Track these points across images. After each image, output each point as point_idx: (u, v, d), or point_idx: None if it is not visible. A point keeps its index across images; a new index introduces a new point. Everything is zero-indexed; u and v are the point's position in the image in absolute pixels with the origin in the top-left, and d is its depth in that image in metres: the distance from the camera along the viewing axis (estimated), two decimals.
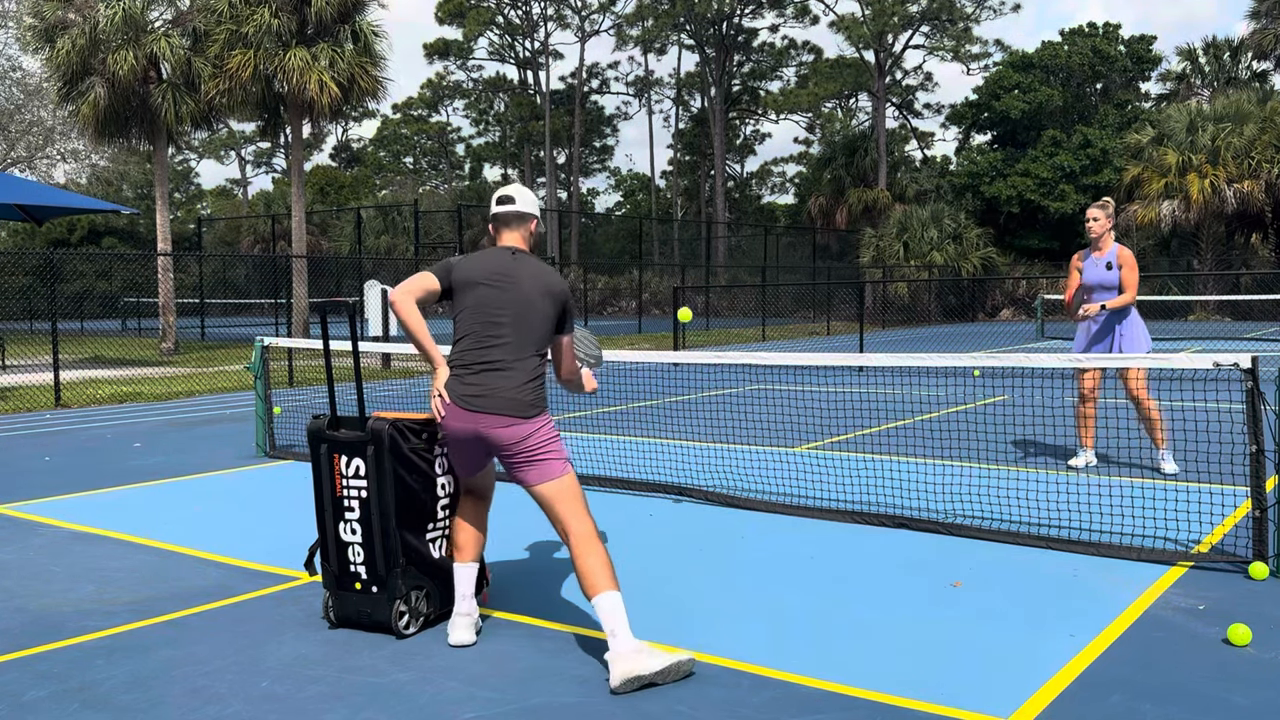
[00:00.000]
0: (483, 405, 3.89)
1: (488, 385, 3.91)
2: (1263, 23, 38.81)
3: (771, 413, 10.91)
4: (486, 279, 4.06)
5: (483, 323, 4.01)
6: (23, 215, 18.41)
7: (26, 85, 33.61)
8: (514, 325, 4.00)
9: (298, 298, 22.70)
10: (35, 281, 34.43)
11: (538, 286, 4.06)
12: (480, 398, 3.90)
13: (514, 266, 4.10)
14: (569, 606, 4.54)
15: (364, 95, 23.15)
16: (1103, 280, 7.41)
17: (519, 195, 4.25)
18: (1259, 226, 36.81)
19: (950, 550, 5.40)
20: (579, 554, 3.78)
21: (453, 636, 4.06)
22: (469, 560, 4.17)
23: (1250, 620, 4.18)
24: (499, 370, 3.93)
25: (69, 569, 5.28)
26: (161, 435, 10.34)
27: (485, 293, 4.03)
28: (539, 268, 4.13)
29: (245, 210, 64.20)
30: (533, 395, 3.94)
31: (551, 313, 4.08)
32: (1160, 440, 7.30)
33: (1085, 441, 7.60)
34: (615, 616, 3.67)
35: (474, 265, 4.09)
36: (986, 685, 3.62)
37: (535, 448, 3.90)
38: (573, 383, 4.41)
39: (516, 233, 4.24)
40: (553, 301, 4.09)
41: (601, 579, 3.73)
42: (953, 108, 49.75)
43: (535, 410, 3.93)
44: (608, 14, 55.91)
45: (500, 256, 4.13)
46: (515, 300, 4.02)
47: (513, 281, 4.05)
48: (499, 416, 3.88)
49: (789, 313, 40.59)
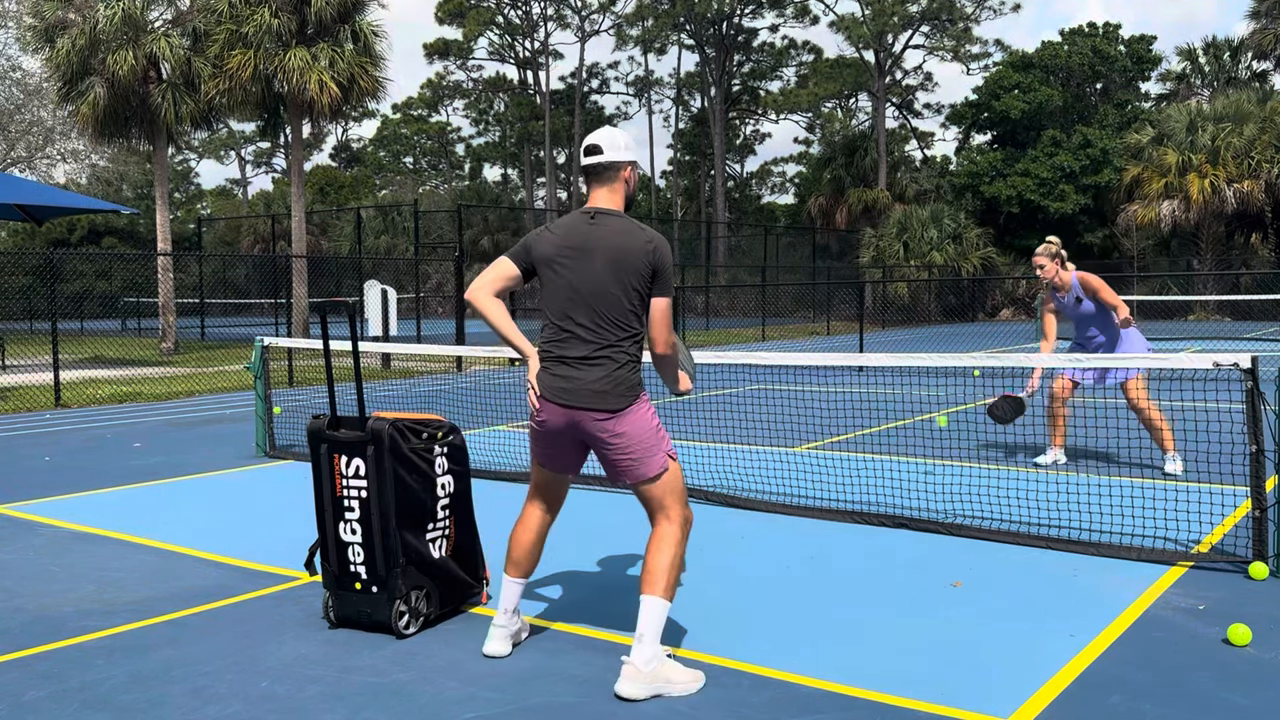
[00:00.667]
0: (570, 399, 3.63)
1: (572, 378, 3.63)
2: (1263, 23, 38.81)
3: (771, 413, 10.91)
4: (559, 254, 3.70)
5: (558, 310, 3.70)
6: (23, 215, 18.41)
7: (26, 85, 33.62)
8: (589, 309, 3.65)
9: (298, 298, 22.71)
10: (35, 281, 34.44)
11: (612, 255, 3.63)
12: (567, 390, 3.64)
13: (589, 235, 3.68)
14: (569, 606, 4.54)
15: (364, 95, 23.16)
16: (1081, 314, 7.48)
17: (606, 142, 3.78)
18: (1259, 226, 36.81)
19: (950, 550, 5.39)
20: (650, 549, 3.65)
21: (486, 646, 3.94)
22: (518, 576, 3.94)
23: (1250, 620, 4.18)
24: (585, 362, 3.64)
25: (69, 569, 5.28)
26: (161, 435, 10.34)
27: (560, 274, 3.69)
28: (619, 230, 3.68)
29: (245, 210, 64.20)
30: (623, 385, 3.63)
31: (633, 282, 3.64)
32: (1167, 445, 7.30)
33: (1055, 441, 7.67)
34: (647, 622, 3.55)
35: (550, 240, 3.74)
36: (986, 685, 3.62)
37: (629, 445, 3.64)
38: (667, 364, 3.83)
39: (605, 188, 3.78)
40: (633, 267, 3.63)
41: (652, 582, 3.58)
42: (953, 108, 49.75)
43: (626, 401, 3.63)
44: (608, 14, 55.93)
45: (576, 224, 3.72)
46: (587, 280, 3.65)
47: (585, 255, 3.66)
48: (588, 412, 3.62)
49: (789, 313, 40.58)
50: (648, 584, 3.59)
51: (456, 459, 4.40)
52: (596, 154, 3.75)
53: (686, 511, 3.73)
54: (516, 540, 3.96)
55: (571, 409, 3.64)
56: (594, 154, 3.76)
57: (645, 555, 3.66)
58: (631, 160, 3.81)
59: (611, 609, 4.50)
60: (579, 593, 4.73)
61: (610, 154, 3.76)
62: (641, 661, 3.52)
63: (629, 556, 5.34)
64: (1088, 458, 7.98)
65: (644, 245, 3.65)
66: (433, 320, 35.79)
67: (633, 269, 3.63)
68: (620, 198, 3.79)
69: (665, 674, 3.55)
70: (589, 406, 3.62)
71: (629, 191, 3.82)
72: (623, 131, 3.89)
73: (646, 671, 3.51)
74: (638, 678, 3.51)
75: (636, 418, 3.65)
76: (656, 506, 3.70)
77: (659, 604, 3.57)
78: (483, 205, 52.87)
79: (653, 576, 3.59)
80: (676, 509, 3.69)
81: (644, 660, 3.52)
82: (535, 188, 60.80)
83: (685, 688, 3.56)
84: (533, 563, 3.97)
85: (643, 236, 3.66)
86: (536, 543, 3.96)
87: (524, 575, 3.96)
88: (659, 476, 3.68)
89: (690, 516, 3.75)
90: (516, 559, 3.94)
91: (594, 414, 3.62)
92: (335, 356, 13.12)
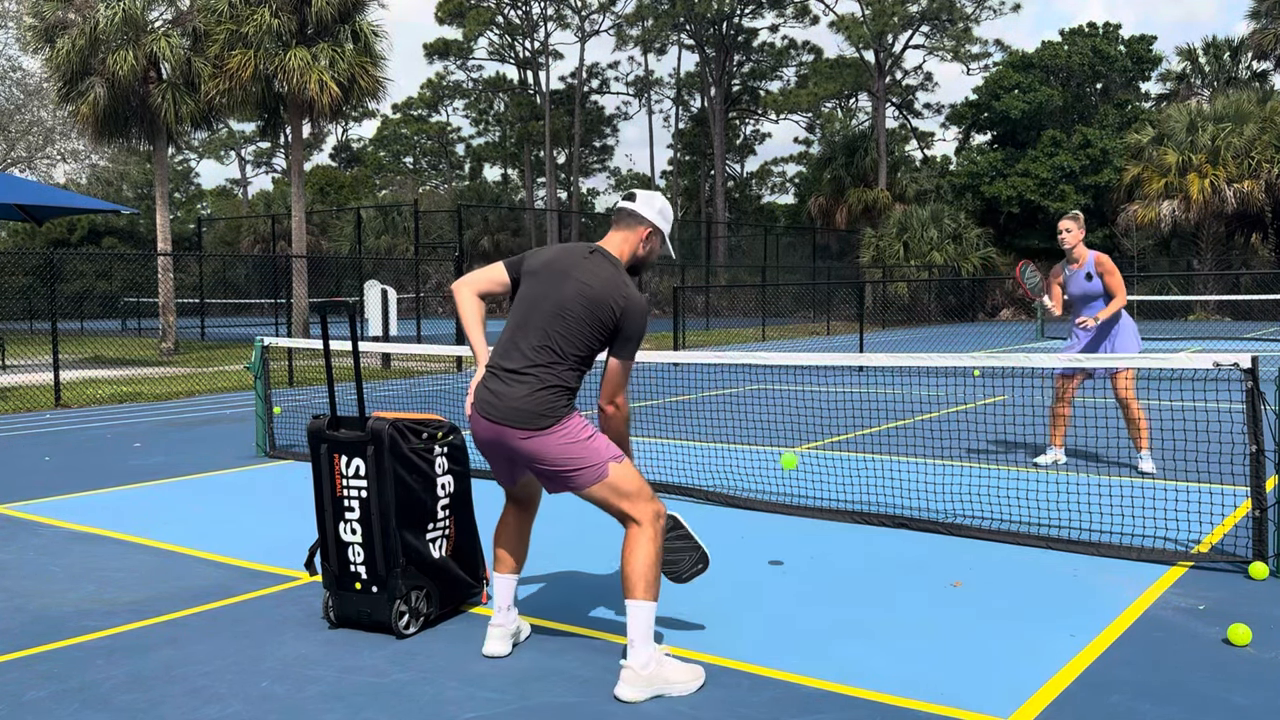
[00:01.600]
0: (491, 413, 3.60)
1: (499, 393, 3.60)
2: (1263, 23, 38.80)
3: (771, 413, 10.91)
4: (542, 270, 3.69)
5: (518, 322, 3.68)
6: (23, 215, 18.42)
7: (26, 85, 33.62)
8: (540, 328, 3.62)
9: (298, 298, 22.71)
10: (35, 281, 34.44)
11: (585, 291, 3.60)
12: (490, 405, 3.61)
13: (576, 264, 3.66)
14: (569, 607, 4.54)
15: (364, 95, 23.15)
16: (1086, 290, 7.44)
17: (643, 197, 3.81)
18: (1259, 226, 36.80)
19: (950, 550, 5.40)
20: (623, 555, 3.60)
21: (485, 646, 3.94)
22: (506, 572, 3.94)
23: (1250, 620, 4.18)
24: (514, 376, 3.60)
25: (69, 569, 5.28)
26: (161, 435, 10.34)
27: (531, 287, 3.69)
28: (604, 276, 3.62)
29: (245, 210, 64.19)
30: (545, 405, 3.56)
31: (591, 326, 3.59)
32: (1142, 443, 7.34)
33: (1055, 440, 7.67)
34: (634, 627, 3.54)
35: (542, 257, 3.73)
36: (986, 685, 3.62)
37: (554, 462, 3.59)
38: (611, 428, 3.72)
39: (619, 234, 3.80)
40: (597, 313, 3.59)
41: (631, 587, 3.54)
42: (953, 108, 49.75)
43: (547, 421, 3.56)
44: (608, 14, 55.91)
45: (573, 251, 3.72)
46: (551, 299, 3.62)
47: (561, 278, 3.64)
48: (508, 428, 3.58)
49: (789, 313, 40.57)
50: (627, 589, 3.56)
51: (456, 459, 4.40)
52: (629, 200, 3.81)
53: (655, 506, 3.62)
54: (496, 536, 3.99)
55: (494, 423, 3.61)
56: (628, 199, 3.81)
57: (621, 560, 3.61)
58: (654, 226, 3.79)
59: (612, 609, 4.50)
60: (579, 593, 4.73)
61: (640, 207, 3.79)
62: (639, 665, 3.52)
63: None
64: (1088, 458, 7.98)
65: (616, 300, 3.60)
66: (433, 320, 35.78)
67: (595, 315, 3.60)
68: (629, 251, 3.78)
69: (664, 674, 3.55)
70: (508, 422, 3.57)
71: (640, 254, 3.80)
72: (666, 201, 3.89)
73: (644, 674, 3.52)
74: (636, 681, 3.51)
75: (559, 436, 3.57)
76: (614, 512, 3.63)
77: (643, 607, 3.54)
78: (483, 205, 52.88)
79: (630, 581, 3.55)
80: (639, 507, 3.60)
81: (641, 664, 3.52)
82: (535, 188, 60.78)
83: (685, 686, 3.57)
84: (517, 559, 3.97)
85: (620, 292, 3.62)
86: (515, 539, 3.96)
87: (511, 571, 3.95)
88: (595, 484, 3.58)
89: (660, 509, 3.64)
90: (499, 555, 3.97)
91: (514, 430, 3.58)
92: (335, 356, 13.12)
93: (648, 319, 3.69)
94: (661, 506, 3.67)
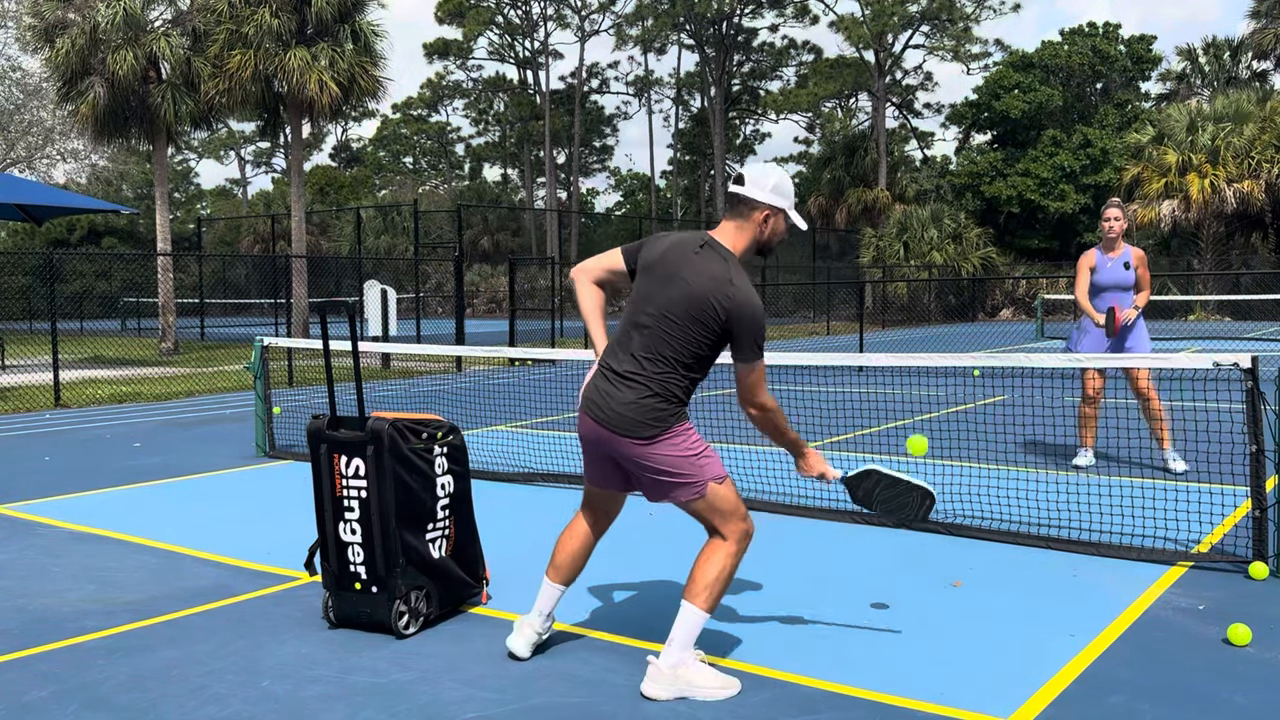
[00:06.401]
0: (598, 414, 3.50)
1: (607, 394, 3.48)
2: (1263, 22, 38.81)
3: None
4: (656, 266, 3.50)
5: (628, 318, 3.54)
6: (23, 215, 18.43)
7: (26, 85, 33.63)
8: (649, 330, 3.46)
9: (297, 298, 22.70)
10: (35, 281, 34.41)
11: (689, 292, 3.39)
12: (598, 405, 3.50)
13: (684, 261, 3.45)
14: (570, 606, 4.53)
15: (364, 95, 23.17)
16: (1119, 280, 7.44)
17: (752, 176, 3.51)
18: (1259, 226, 36.80)
19: (950, 550, 5.39)
20: (698, 557, 3.56)
21: (510, 640, 3.88)
22: (559, 582, 3.82)
23: (1250, 620, 4.18)
24: (622, 379, 3.47)
25: (69, 569, 5.28)
26: (161, 435, 10.34)
27: (643, 285, 3.51)
28: (710, 272, 3.40)
29: (245, 210, 64.20)
30: (651, 414, 3.42)
31: (696, 328, 3.41)
32: (1165, 441, 7.32)
33: (1086, 441, 7.64)
34: (679, 628, 3.52)
35: (658, 248, 3.54)
36: (986, 685, 3.62)
37: (658, 471, 3.48)
38: (765, 427, 3.58)
39: (731, 223, 3.53)
40: (702, 314, 3.39)
41: (694, 591, 3.50)
42: (953, 108, 49.77)
43: (653, 430, 3.43)
44: (608, 14, 55.92)
45: (684, 244, 3.51)
46: (660, 302, 3.45)
47: (670, 280, 3.45)
48: (617, 435, 3.47)
49: (789, 313, 40.57)
50: (688, 591, 3.53)
51: (456, 459, 4.40)
52: (738, 184, 3.52)
53: (745, 526, 3.55)
54: (560, 544, 3.85)
55: (599, 424, 3.51)
56: (736, 183, 3.52)
57: (695, 562, 3.56)
58: (772, 206, 3.49)
59: (613, 610, 4.50)
60: (580, 593, 4.72)
61: (750, 191, 3.49)
62: (667, 664, 3.52)
63: (634, 558, 5.34)
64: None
65: (720, 300, 3.37)
66: (432, 320, 35.78)
67: (698, 317, 3.41)
68: (746, 240, 3.52)
69: (689, 677, 3.52)
70: (613, 427, 3.47)
71: (760, 238, 3.52)
72: (782, 173, 3.56)
73: (670, 674, 3.50)
74: (660, 679, 3.51)
75: (666, 447, 3.45)
76: (705, 524, 3.58)
77: (695, 613, 3.51)
78: (483, 205, 52.88)
79: (695, 584, 3.51)
80: (730, 525, 3.52)
81: (670, 663, 3.51)
82: (535, 188, 60.79)
83: (711, 693, 3.51)
84: (574, 571, 3.84)
85: (724, 291, 3.38)
86: (579, 552, 3.83)
87: (564, 582, 3.84)
88: (694, 501, 3.51)
89: (750, 529, 3.57)
90: (557, 563, 3.83)
91: (618, 436, 3.47)
92: (335, 356, 13.09)
93: (762, 316, 3.45)
94: (752, 527, 3.60)
